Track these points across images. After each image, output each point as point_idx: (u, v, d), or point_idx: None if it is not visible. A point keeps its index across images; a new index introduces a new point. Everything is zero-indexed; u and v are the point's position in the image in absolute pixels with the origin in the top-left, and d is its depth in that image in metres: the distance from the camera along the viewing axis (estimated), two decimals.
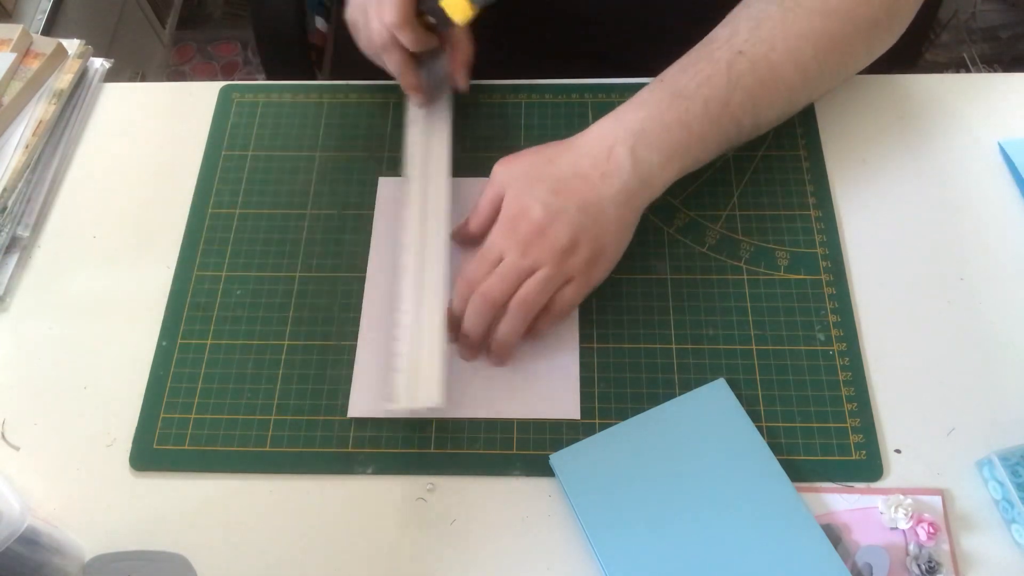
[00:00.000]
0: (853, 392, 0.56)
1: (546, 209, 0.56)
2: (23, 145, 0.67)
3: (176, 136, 0.70)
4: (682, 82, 0.58)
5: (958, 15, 1.65)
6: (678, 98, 0.57)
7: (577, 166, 0.57)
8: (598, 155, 0.57)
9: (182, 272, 0.63)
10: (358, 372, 0.58)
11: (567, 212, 0.56)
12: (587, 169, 0.57)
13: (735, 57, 0.57)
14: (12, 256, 0.64)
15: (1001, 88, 0.69)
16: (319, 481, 0.55)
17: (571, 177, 0.57)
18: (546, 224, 0.56)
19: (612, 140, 0.57)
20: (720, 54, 0.58)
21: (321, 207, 0.66)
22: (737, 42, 0.58)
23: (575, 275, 0.56)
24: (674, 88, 0.58)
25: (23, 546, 0.48)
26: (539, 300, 0.56)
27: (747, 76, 0.57)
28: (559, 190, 0.56)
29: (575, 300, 0.57)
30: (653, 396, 0.57)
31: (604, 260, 0.57)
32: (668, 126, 0.57)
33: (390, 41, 0.62)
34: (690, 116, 0.57)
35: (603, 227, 0.56)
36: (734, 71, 0.57)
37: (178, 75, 1.79)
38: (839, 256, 0.62)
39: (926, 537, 0.51)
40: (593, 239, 0.56)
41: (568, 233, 0.55)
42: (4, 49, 0.70)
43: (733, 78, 0.57)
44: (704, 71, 0.58)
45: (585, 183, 0.56)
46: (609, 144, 0.57)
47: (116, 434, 0.57)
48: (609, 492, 0.53)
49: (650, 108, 0.58)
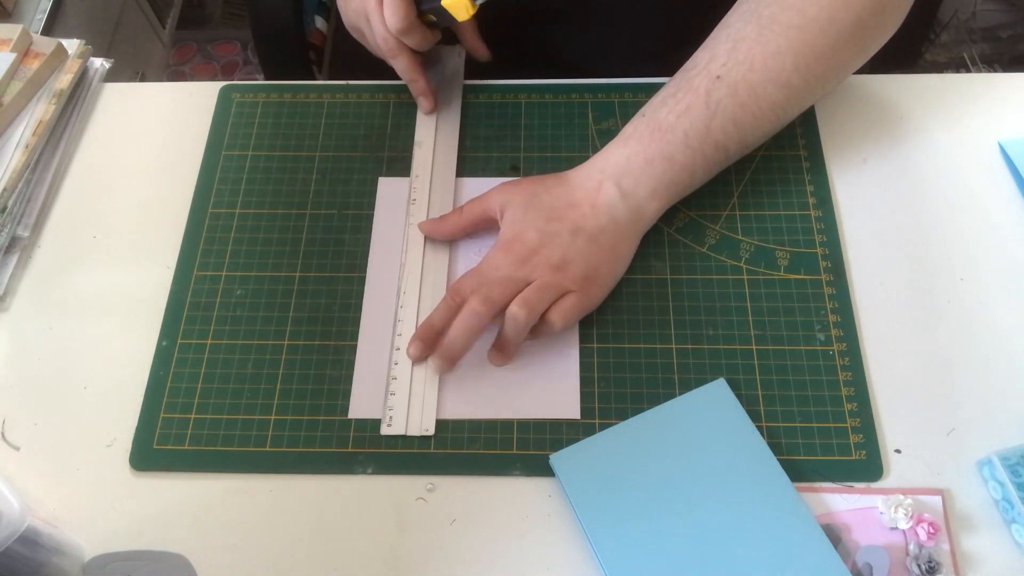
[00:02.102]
0: (853, 392, 0.56)
1: (540, 233, 0.58)
2: (23, 145, 0.67)
3: (176, 136, 0.70)
4: (662, 115, 0.59)
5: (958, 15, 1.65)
6: (658, 132, 0.59)
7: (570, 197, 0.59)
8: (589, 188, 0.59)
9: (182, 272, 0.63)
10: (358, 372, 0.58)
11: (560, 235, 0.58)
12: (579, 200, 0.59)
13: (713, 84, 0.58)
14: (12, 256, 0.64)
15: (1001, 88, 0.69)
16: (319, 481, 0.55)
17: (564, 207, 0.59)
18: (539, 246, 0.58)
19: (600, 176, 0.59)
20: (698, 81, 0.59)
21: (321, 207, 0.66)
22: (715, 67, 0.59)
23: (572, 287, 0.57)
24: (654, 123, 0.59)
25: (23, 546, 0.48)
26: (539, 303, 0.56)
27: (726, 101, 0.58)
28: (552, 217, 0.59)
29: (572, 311, 0.57)
30: (653, 396, 0.57)
31: (599, 281, 0.59)
32: (651, 161, 0.58)
33: (397, 47, 0.64)
34: (672, 148, 0.58)
35: (594, 251, 0.58)
36: (712, 98, 0.58)
37: (178, 75, 1.79)
38: (839, 256, 0.62)
39: (926, 537, 0.51)
40: (584, 260, 0.58)
41: (560, 253, 0.58)
42: (4, 49, 0.70)
43: (712, 105, 0.58)
44: (683, 102, 0.59)
45: (577, 212, 0.59)
46: (598, 180, 0.59)
47: (116, 434, 0.57)
48: (609, 492, 0.53)
49: (632, 145, 0.59)
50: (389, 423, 0.56)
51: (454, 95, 0.70)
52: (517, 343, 0.58)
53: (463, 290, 0.57)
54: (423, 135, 0.68)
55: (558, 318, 0.57)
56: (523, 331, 0.57)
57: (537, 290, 0.56)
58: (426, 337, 0.58)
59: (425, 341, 0.58)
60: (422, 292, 0.61)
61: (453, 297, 0.57)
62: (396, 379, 0.58)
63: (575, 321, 0.59)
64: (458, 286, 0.58)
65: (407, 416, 0.56)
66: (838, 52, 0.59)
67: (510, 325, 0.56)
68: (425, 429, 0.56)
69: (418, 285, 0.61)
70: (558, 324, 0.57)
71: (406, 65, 0.65)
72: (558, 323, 0.57)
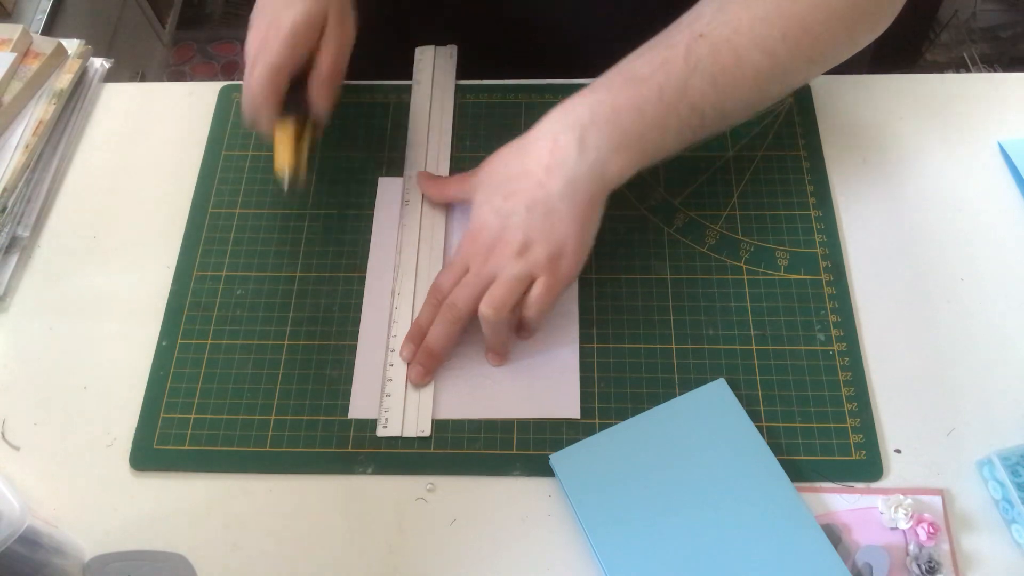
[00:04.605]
0: (853, 392, 0.56)
1: (498, 215, 0.56)
2: (23, 145, 0.67)
3: (176, 136, 0.70)
4: (636, 67, 0.55)
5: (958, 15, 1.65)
6: (630, 82, 0.54)
7: (523, 163, 0.56)
8: (543, 149, 0.55)
9: (182, 272, 0.63)
10: (358, 372, 0.58)
11: (516, 215, 0.55)
12: (532, 166, 0.55)
13: (695, 41, 0.54)
14: (12, 256, 0.64)
15: (1001, 88, 0.69)
16: (319, 481, 0.55)
17: (518, 177, 0.55)
18: (501, 230, 0.55)
19: (557, 130, 0.55)
20: (679, 38, 0.55)
21: (321, 207, 0.66)
22: (699, 26, 0.55)
23: (538, 272, 0.55)
24: (627, 73, 0.55)
25: (23, 546, 0.48)
26: (506, 299, 0.54)
27: (707, 60, 0.54)
28: (508, 194, 0.56)
29: (546, 297, 0.55)
30: (653, 396, 0.57)
31: (567, 256, 0.55)
32: (618, 110, 0.54)
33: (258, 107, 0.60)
34: (643, 101, 0.54)
35: (554, 224, 0.54)
36: (693, 56, 0.54)
37: (178, 75, 1.79)
38: (839, 256, 0.62)
39: (926, 537, 0.51)
40: (546, 237, 0.54)
41: (519, 236, 0.55)
42: (4, 49, 0.70)
43: (691, 62, 0.54)
44: (660, 55, 0.55)
45: (531, 181, 0.55)
46: (554, 135, 0.55)
47: (116, 434, 0.57)
48: (609, 492, 0.53)
49: (600, 93, 0.55)
50: (385, 425, 0.56)
51: (446, 95, 0.70)
52: (501, 341, 0.57)
53: (442, 287, 0.57)
54: (416, 136, 0.68)
55: (533, 312, 0.55)
56: (500, 328, 0.56)
57: (503, 285, 0.54)
58: (416, 338, 0.58)
59: (416, 342, 0.58)
60: (416, 293, 0.61)
61: (435, 295, 0.57)
62: (392, 380, 0.58)
63: (551, 306, 0.56)
64: (437, 283, 0.58)
65: (403, 418, 0.56)
66: (828, 30, 0.56)
67: (485, 326, 0.56)
68: (421, 431, 0.56)
69: (412, 286, 0.61)
70: (535, 317, 0.56)
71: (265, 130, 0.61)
72: (535, 316, 0.55)
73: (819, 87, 0.69)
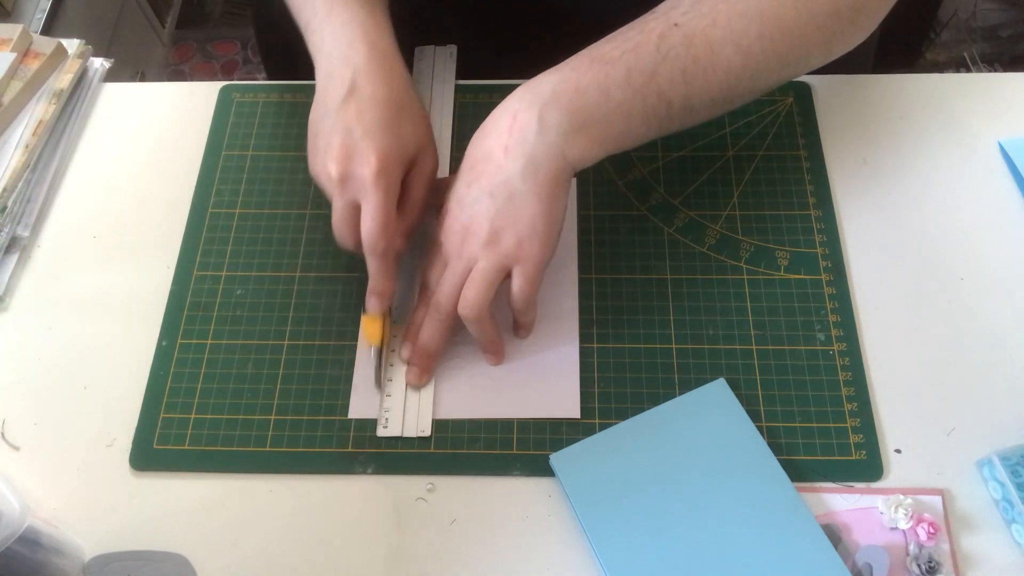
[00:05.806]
0: (853, 392, 0.56)
1: (464, 205, 0.54)
2: (23, 145, 0.67)
3: (176, 136, 0.70)
4: (606, 49, 0.54)
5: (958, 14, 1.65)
6: (598, 63, 0.53)
7: (484, 146, 0.54)
8: (502, 127, 0.53)
9: (182, 272, 0.63)
10: (358, 372, 0.58)
11: (480, 202, 0.53)
12: (491, 147, 0.53)
13: (669, 29, 0.53)
14: (12, 256, 0.64)
15: (1001, 88, 0.69)
16: (319, 481, 0.55)
17: (480, 161, 0.54)
18: (469, 221, 0.54)
19: (518, 107, 0.53)
20: (654, 25, 0.54)
21: (321, 207, 0.66)
22: (676, 14, 0.54)
23: (510, 261, 0.54)
24: (596, 54, 0.54)
25: (23, 546, 0.48)
26: (480, 297, 0.54)
27: (679, 49, 0.53)
28: (472, 180, 0.54)
29: (527, 287, 0.54)
30: (653, 396, 0.57)
31: (537, 237, 0.53)
32: (583, 90, 0.52)
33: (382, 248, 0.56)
34: (610, 82, 0.52)
35: (518, 207, 0.53)
36: (665, 43, 0.53)
37: (178, 75, 1.79)
38: (839, 256, 0.62)
39: (926, 537, 0.51)
40: (512, 222, 0.53)
41: (486, 224, 0.53)
42: (4, 49, 0.70)
43: (663, 49, 0.53)
44: (633, 40, 0.53)
45: (491, 164, 0.53)
46: (515, 111, 0.53)
47: (116, 434, 0.57)
48: (609, 492, 0.53)
49: (565, 72, 0.53)
50: (385, 425, 0.56)
51: (446, 96, 0.70)
52: (490, 338, 0.57)
53: (429, 284, 0.57)
54: None
55: (520, 304, 0.55)
56: (484, 326, 0.55)
57: (475, 283, 0.54)
58: (414, 338, 0.58)
59: (414, 342, 0.58)
60: (416, 292, 0.61)
61: (424, 292, 0.57)
62: (391, 380, 0.58)
63: (535, 293, 0.55)
64: (424, 280, 0.58)
65: (403, 418, 0.56)
66: (805, 35, 0.56)
67: (468, 327, 0.56)
68: (421, 431, 0.56)
69: (410, 286, 0.61)
70: (524, 309, 0.55)
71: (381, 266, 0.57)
72: (523, 308, 0.55)
73: (819, 87, 0.69)
